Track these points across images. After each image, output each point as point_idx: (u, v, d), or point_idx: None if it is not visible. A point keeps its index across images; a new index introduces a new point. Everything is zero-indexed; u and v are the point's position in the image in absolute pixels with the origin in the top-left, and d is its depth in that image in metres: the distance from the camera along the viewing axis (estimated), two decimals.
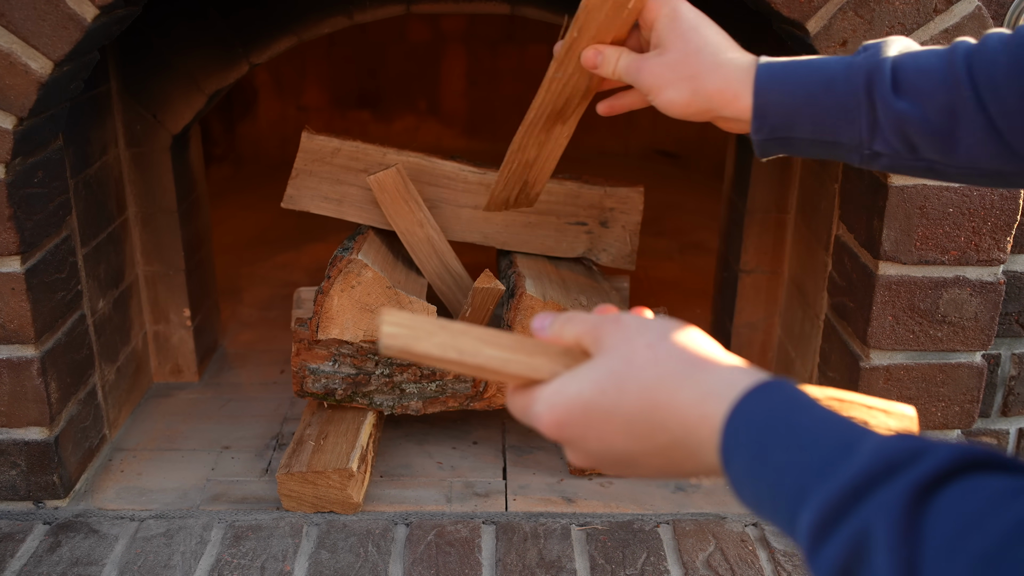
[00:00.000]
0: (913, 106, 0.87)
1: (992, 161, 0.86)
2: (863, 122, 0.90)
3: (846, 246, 1.52)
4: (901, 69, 0.88)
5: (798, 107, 0.93)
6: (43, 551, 1.42)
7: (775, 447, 0.54)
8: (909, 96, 0.88)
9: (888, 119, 0.88)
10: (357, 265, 1.44)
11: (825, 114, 0.92)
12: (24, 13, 1.24)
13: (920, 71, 0.87)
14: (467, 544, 1.44)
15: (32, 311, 1.40)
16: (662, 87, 0.99)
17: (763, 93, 0.94)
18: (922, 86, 0.87)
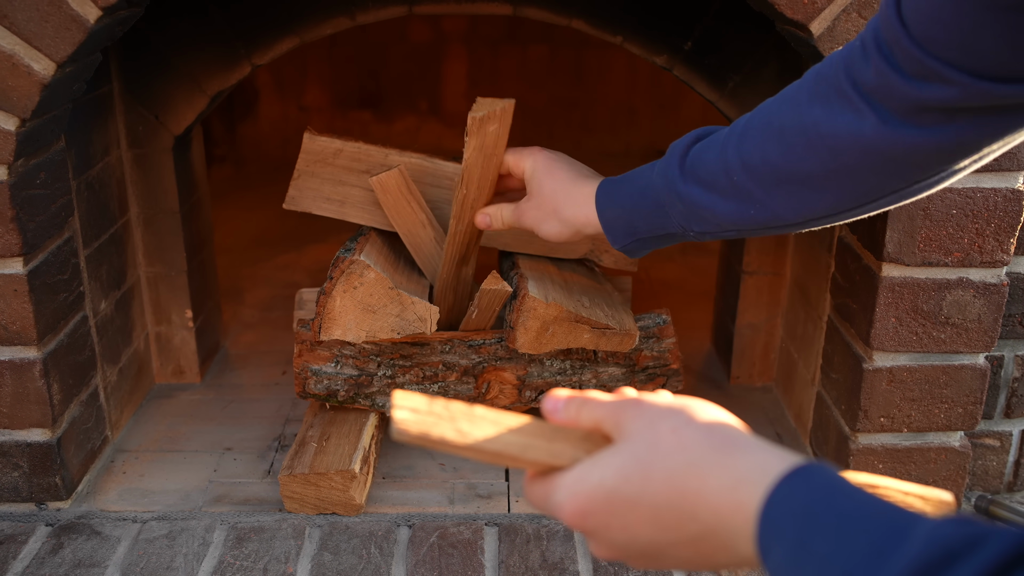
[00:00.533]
0: (701, 191, 1.05)
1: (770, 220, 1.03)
2: (677, 214, 1.09)
3: (849, 247, 1.52)
4: (689, 162, 1.07)
5: (629, 216, 1.15)
6: (45, 553, 1.42)
7: (818, 536, 0.49)
8: (695, 184, 1.06)
9: (688, 206, 1.07)
10: (359, 266, 1.43)
11: (650, 216, 1.12)
12: (27, 14, 1.24)
13: (701, 163, 1.05)
14: (470, 546, 1.44)
15: (34, 312, 1.40)
16: (539, 224, 1.28)
17: (603, 212, 1.19)
18: (703, 175, 1.05)
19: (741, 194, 1.01)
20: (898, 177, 0.91)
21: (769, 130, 0.97)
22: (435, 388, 1.59)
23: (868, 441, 1.50)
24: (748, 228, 1.06)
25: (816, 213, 1.00)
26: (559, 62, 3.48)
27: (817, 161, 0.93)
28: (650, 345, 1.60)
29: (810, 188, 0.96)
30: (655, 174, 1.11)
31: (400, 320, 1.47)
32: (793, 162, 0.95)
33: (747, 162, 0.99)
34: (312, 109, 3.51)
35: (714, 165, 1.03)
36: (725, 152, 1.02)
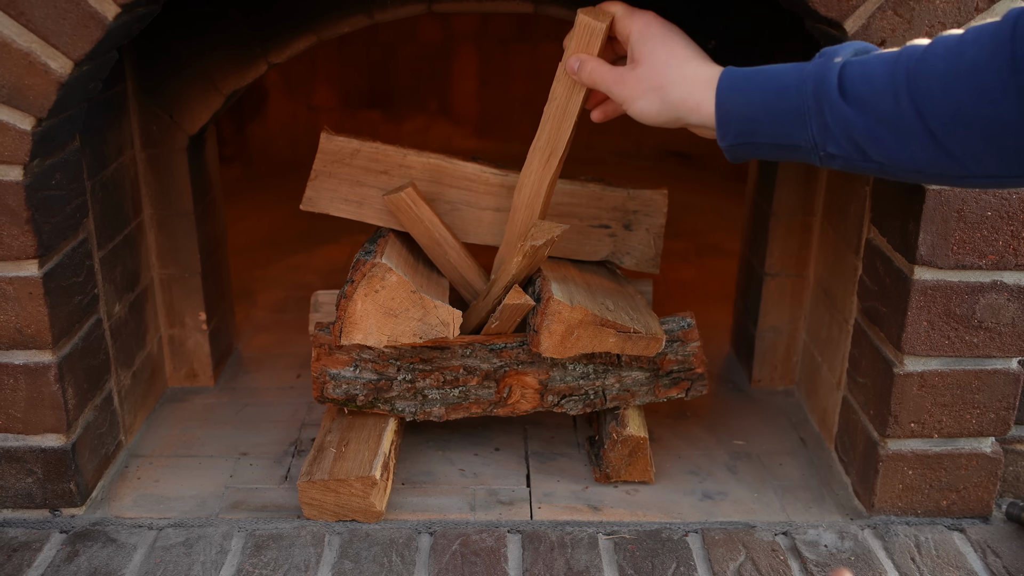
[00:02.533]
0: (857, 113, 0.92)
1: (933, 165, 0.90)
2: (814, 126, 0.96)
3: (878, 250, 1.49)
4: (847, 77, 0.94)
5: (756, 114, 1.01)
6: (60, 561, 1.39)
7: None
8: (854, 103, 0.93)
9: (836, 124, 0.94)
10: (381, 269, 1.41)
11: (781, 120, 0.99)
12: (44, 12, 1.21)
13: (865, 79, 0.92)
14: (493, 554, 1.41)
15: (49, 316, 1.38)
16: (634, 98, 1.14)
17: (724, 103, 1.04)
18: (865, 95, 0.92)
19: (905, 124, 0.89)
20: None
21: (959, 61, 0.84)
22: (455, 392, 1.56)
23: (898, 447, 1.47)
24: (897, 167, 0.93)
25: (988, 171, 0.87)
26: None
27: (1007, 104, 0.81)
28: (675, 349, 1.58)
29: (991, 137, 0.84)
30: (805, 75, 0.97)
31: (422, 324, 1.44)
32: (982, 102, 0.83)
33: (923, 90, 0.87)
34: (321, 109, 3.49)
35: (881, 83, 0.90)
36: (895, 73, 0.89)
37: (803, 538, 1.46)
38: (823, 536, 1.47)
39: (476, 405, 1.58)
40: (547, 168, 1.44)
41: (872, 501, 1.50)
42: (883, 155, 0.92)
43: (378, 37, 3.41)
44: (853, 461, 1.58)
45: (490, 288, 1.53)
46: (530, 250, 1.42)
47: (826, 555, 1.42)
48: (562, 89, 1.33)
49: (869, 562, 1.41)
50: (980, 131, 0.84)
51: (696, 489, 1.59)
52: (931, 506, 1.51)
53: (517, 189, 1.48)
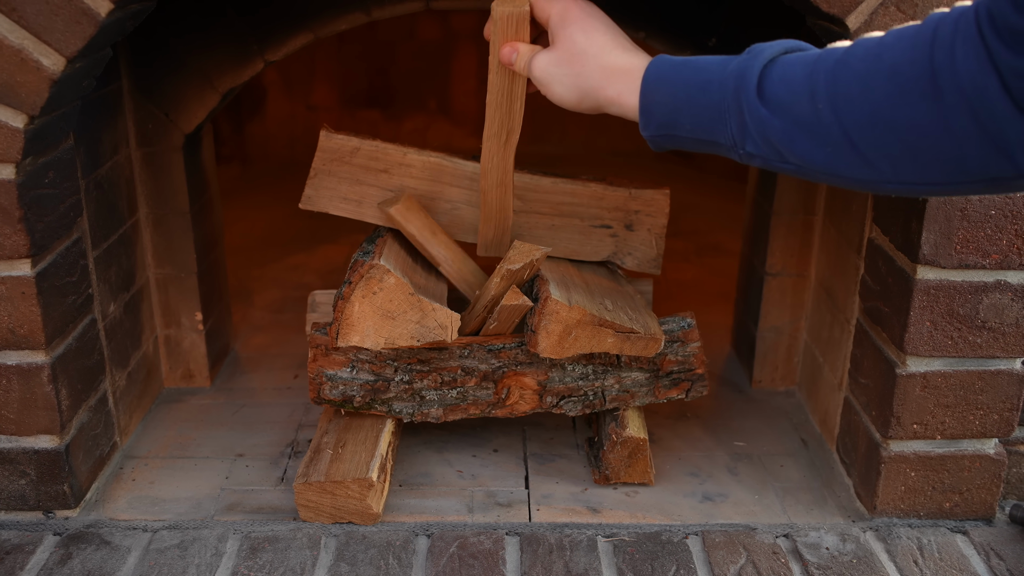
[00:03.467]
0: (773, 115, 0.90)
1: (850, 169, 0.88)
2: (733, 125, 0.94)
3: (880, 249, 1.47)
4: (767, 77, 0.92)
5: (679, 107, 0.99)
6: (54, 563, 1.38)
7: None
8: (771, 105, 0.91)
9: (754, 124, 0.92)
10: (379, 271, 1.39)
11: (702, 115, 0.97)
12: (36, 8, 1.20)
13: (783, 80, 0.90)
14: (491, 556, 1.40)
15: (43, 316, 1.36)
16: (551, 81, 1.11)
17: (649, 93, 1.02)
18: (783, 96, 0.90)
19: (819, 127, 0.87)
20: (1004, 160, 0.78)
21: (878, 64, 0.83)
22: (453, 394, 1.54)
23: (900, 448, 1.46)
24: (813, 169, 0.91)
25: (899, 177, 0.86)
26: None
27: (926, 109, 0.79)
28: (675, 349, 1.56)
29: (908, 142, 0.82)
30: (728, 72, 0.95)
31: (420, 327, 1.43)
32: (900, 107, 0.81)
33: (841, 93, 0.85)
34: (320, 108, 3.47)
35: (799, 85, 0.89)
36: (813, 75, 0.87)
37: (804, 540, 1.45)
38: (825, 538, 1.45)
39: (474, 406, 1.56)
40: (508, 148, 1.41)
41: (874, 503, 1.49)
42: (799, 157, 0.91)
43: (377, 36, 3.39)
44: (855, 463, 1.56)
45: (474, 305, 1.52)
46: (507, 274, 1.42)
47: (828, 558, 1.41)
48: (501, 79, 1.30)
49: (871, 565, 1.39)
50: (897, 136, 0.82)
51: (696, 491, 1.58)
52: (934, 508, 1.50)
53: (482, 174, 1.46)
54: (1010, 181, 0.80)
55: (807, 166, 0.91)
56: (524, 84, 1.30)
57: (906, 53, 0.81)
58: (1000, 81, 0.74)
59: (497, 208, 1.51)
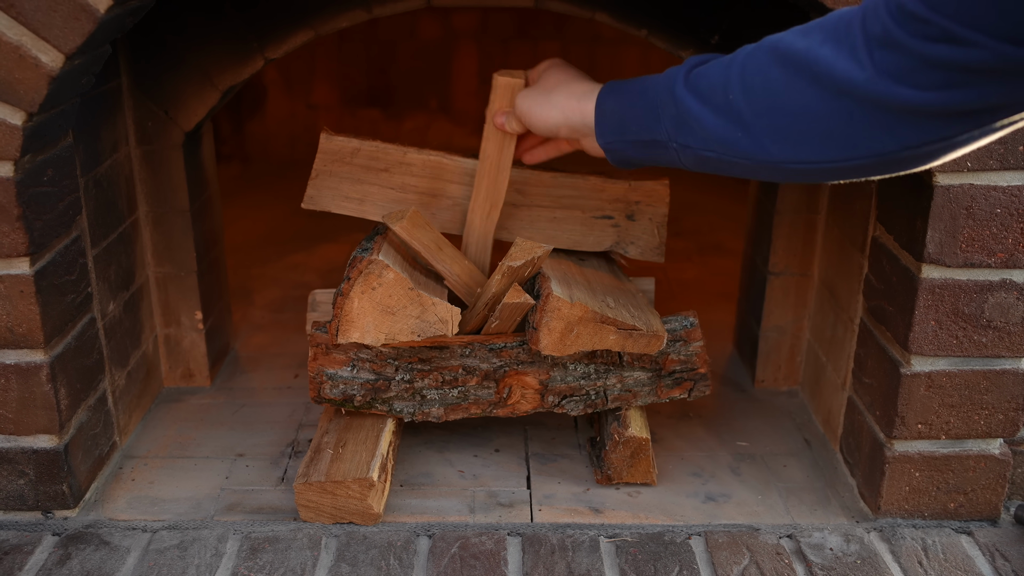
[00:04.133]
0: (698, 104, 1.04)
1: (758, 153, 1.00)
2: (667, 119, 1.09)
3: (884, 248, 1.46)
4: (694, 74, 1.07)
5: (624, 112, 1.17)
6: (52, 564, 1.37)
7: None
8: (695, 95, 1.05)
9: (683, 114, 1.06)
10: (378, 266, 1.38)
11: (642, 116, 1.13)
12: (35, 3, 1.19)
13: (706, 75, 1.04)
14: (492, 557, 1.39)
15: (41, 314, 1.35)
16: (531, 108, 1.34)
17: (602, 103, 1.22)
18: (703, 88, 1.04)
19: (732, 113, 1.00)
20: (889, 137, 0.89)
21: (775, 54, 0.96)
22: (455, 393, 1.53)
23: (904, 448, 1.45)
24: (730, 154, 1.03)
25: (799, 156, 0.97)
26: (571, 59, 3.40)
27: (813, 97, 0.91)
28: (677, 349, 1.55)
29: (799, 125, 0.94)
30: (663, 75, 1.11)
31: (420, 322, 1.42)
32: (791, 93, 0.93)
33: (747, 81, 0.98)
34: (320, 107, 3.46)
35: (716, 78, 1.02)
36: (730, 67, 1.01)
37: (808, 541, 1.44)
38: (828, 539, 1.44)
39: (475, 406, 1.55)
40: (490, 220, 1.55)
41: (878, 503, 1.48)
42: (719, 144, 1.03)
43: (378, 35, 3.38)
44: (859, 463, 1.55)
45: (475, 303, 1.51)
46: (508, 271, 1.42)
47: (831, 558, 1.40)
48: (493, 147, 1.48)
49: (875, 565, 1.39)
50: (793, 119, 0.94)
51: (699, 491, 1.57)
52: (938, 508, 1.49)
53: (464, 243, 1.57)
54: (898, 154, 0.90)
55: (727, 153, 1.03)
56: (511, 156, 1.48)
57: (798, 45, 0.93)
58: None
59: (473, 269, 1.56)
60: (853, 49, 0.87)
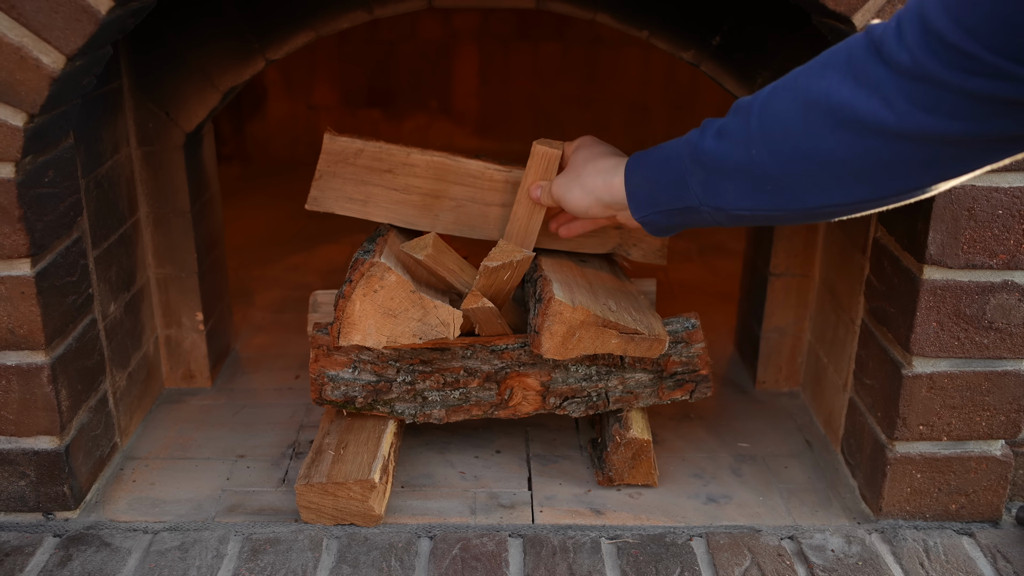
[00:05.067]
0: (722, 160, 1.01)
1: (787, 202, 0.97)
2: (695, 184, 1.07)
3: (886, 249, 1.46)
4: (710, 128, 1.04)
5: (653, 183, 1.15)
6: (53, 565, 1.37)
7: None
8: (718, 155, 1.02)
9: (710, 176, 1.04)
10: (380, 268, 1.38)
11: (670, 186, 1.11)
12: (36, 5, 1.19)
13: (724, 133, 1.01)
14: (494, 558, 1.39)
15: (42, 316, 1.35)
16: (564, 192, 1.35)
17: (630, 179, 1.21)
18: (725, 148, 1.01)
19: (757, 170, 0.96)
20: (926, 170, 0.86)
21: (792, 102, 0.91)
22: (456, 395, 1.53)
23: (906, 449, 1.45)
24: (763, 209, 1.00)
25: (835, 200, 0.93)
26: (571, 60, 3.43)
27: (840, 142, 0.87)
28: (679, 350, 1.55)
29: (829, 170, 0.90)
30: (683, 140, 1.10)
31: (422, 325, 1.42)
32: (815, 140, 0.89)
33: (768, 135, 0.94)
34: (321, 108, 3.46)
35: (736, 136, 0.99)
36: (748, 122, 0.97)
37: (809, 542, 1.44)
38: (830, 540, 1.44)
39: (477, 407, 1.55)
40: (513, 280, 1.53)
41: (880, 505, 1.48)
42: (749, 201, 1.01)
43: (378, 35, 3.38)
44: (860, 464, 1.55)
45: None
46: (484, 271, 1.41)
47: (833, 560, 1.40)
48: (523, 211, 1.50)
49: (877, 567, 1.38)
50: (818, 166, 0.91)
51: (700, 492, 1.57)
52: (940, 510, 1.49)
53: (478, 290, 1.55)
54: (937, 184, 0.88)
55: (760, 208, 1.00)
56: (539, 222, 1.51)
57: (816, 88, 0.89)
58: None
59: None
60: (876, 86, 0.82)
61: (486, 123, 3.47)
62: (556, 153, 1.44)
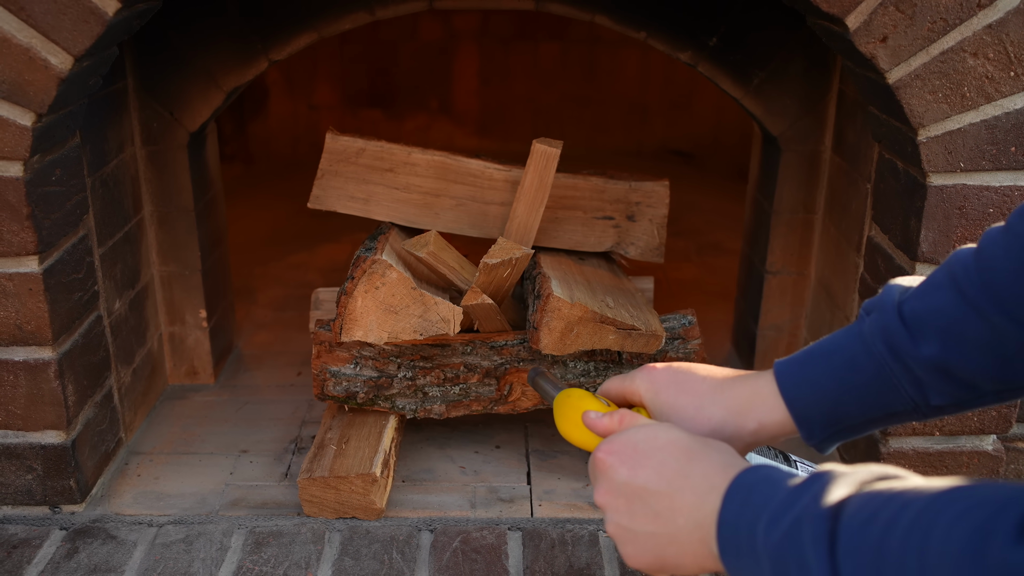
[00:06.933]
0: (943, 347, 0.80)
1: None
2: (906, 386, 0.83)
3: (879, 247, 1.48)
4: (911, 315, 0.82)
5: (835, 398, 0.86)
6: (60, 557, 1.39)
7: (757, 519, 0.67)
8: (932, 340, 0.80)
9: (927, 372, 0.82)
10: (381, 266, 1.40)
11: (865, 394, 0.85)
12: (44, 7, 1.21)
13: (932, 311, 0.80)
14: (493, 551, 1.41)
15: (50, 312, 1.37)
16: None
17: (795, 401, 0.87)
18: (941, 324, 0.80)
19: (999, 333, 0.77)
20: None
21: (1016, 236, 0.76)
22: (456, 390, 1.56)
23: (899, 445, 1.47)
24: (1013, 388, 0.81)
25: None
26: (571, 60, 3.45)
27: None
28: (675, 347, 1.57)
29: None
30: (867, 337, 0.84)
31: (423, 321, 1.44)
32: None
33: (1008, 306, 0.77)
34: (322, 108, 3.48)
35: (955, 310, 0.79)
36: (964, 293, 0.78)
37: None
38: None
39: (477, 403, 1.57)
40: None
41: None
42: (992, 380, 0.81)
43: (379, 36, 3.40)
44: (854, 459, 1.58)
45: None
46: (484, 267, 1.43)
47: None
48: (523, 209, 1.54)
49: None
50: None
51: None
52: None
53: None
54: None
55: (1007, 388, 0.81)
56: (538, 221, 1.54)
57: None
58: None
59: None
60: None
61: (486, 123, 3.49)
62: (555, 152, 1.46)
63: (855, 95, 1.57)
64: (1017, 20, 1.24)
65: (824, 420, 0.87)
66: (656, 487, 0.75)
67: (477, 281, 1.46)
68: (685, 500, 0.74)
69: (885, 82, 1.29)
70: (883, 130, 1.43)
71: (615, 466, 0.78)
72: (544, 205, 1.53)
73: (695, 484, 0.73)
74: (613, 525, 0.78)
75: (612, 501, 0.78)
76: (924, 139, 1.30)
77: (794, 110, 1.70)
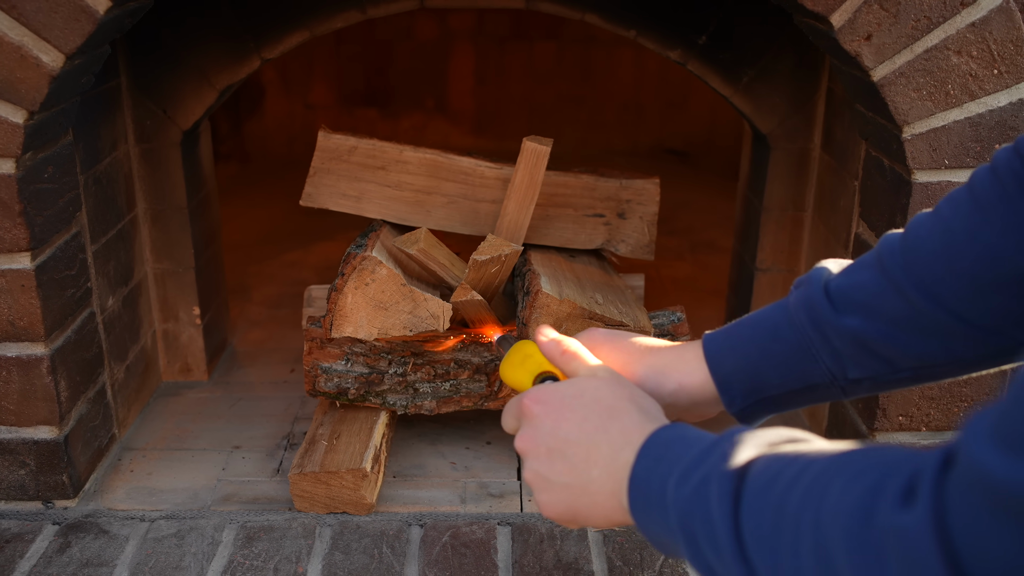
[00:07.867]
0: (863, 320, 0.83)
1: (971, 347, 0.82)
2: (824, 356, 0.86)
3: (867, 244, 1.49)
4: (836, 289, 0.85)
5: (756, 365, 0.89)
6: (52, 552, 1.40)
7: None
8: (854, 313, 0.83)
9: (845, 343, 0.84)
10: (371, 262, 1.42)
11: (785, 363, 0.88)
12: (36, 5, 1.22)
13: (855, 286, 0.84)
14: (483, 546, 1.42)
15: (42, 308, 1.38)
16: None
17: (717, 366, 0.90)
18: (862, 299, 0.83)
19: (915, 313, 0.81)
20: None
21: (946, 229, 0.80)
22: (447, 386, 1.57)
23: (886, 440, 1.48)
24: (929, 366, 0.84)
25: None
26: (566, 59, 3.46)
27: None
28: None
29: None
30: (792, 309, 0.87)
31: (413, 317, 1.45)
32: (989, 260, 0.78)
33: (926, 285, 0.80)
34: (318, 107, 3.50)
35: (876, 287, 0.82)
36: (887, 272, 0.82)
37: None
38: None
39: (467, 399, 1.58)
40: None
41: None
42: (912, 358, 0.83)
43: (375, 35, 3.41)
44: None
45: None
46: (473, 264, 1.45)
47: None
48: (513, 206, 1.54)
49: None
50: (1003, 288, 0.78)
51: None
52: None
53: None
54: None
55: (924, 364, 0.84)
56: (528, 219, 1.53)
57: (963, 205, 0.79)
58: None
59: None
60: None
61: (482, 122, 3.50)
62: (545, 150, 1.47)
63: (843, 93, 1.58)
64: (1000, 18, 1.25)
65: (745, 387, 0.90)
66: (576, 439, 0.78)
67: (467, 278, 1.47)
68: (600, 453, 0.77)
69: (870, 80, 1.30)
70: (869, 128, 1.44)
71: (540, 416, 0.81)
72: (534, 202, 1.54)
73: (612, 439, 0.77)
74: (531, 472, 0.81)
75: (533, 449, 0.80)
76: (909, 136, 1.31)
77: (783, 108, 1.71)
